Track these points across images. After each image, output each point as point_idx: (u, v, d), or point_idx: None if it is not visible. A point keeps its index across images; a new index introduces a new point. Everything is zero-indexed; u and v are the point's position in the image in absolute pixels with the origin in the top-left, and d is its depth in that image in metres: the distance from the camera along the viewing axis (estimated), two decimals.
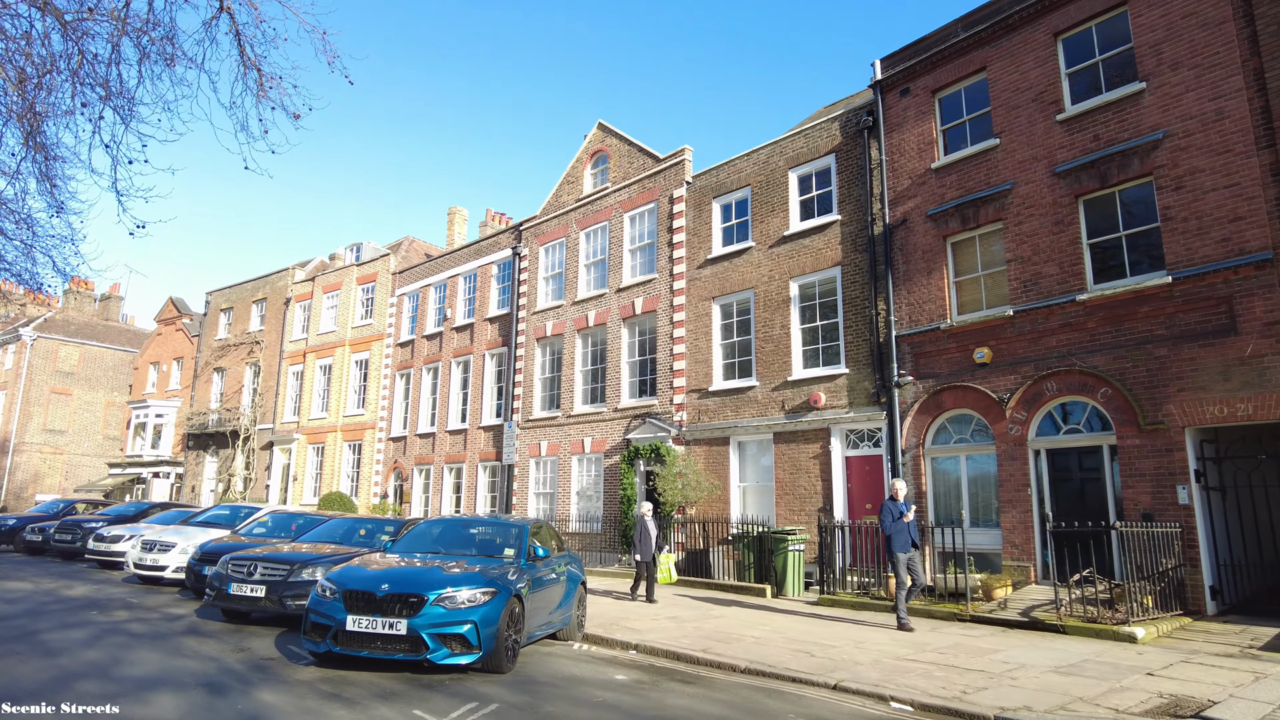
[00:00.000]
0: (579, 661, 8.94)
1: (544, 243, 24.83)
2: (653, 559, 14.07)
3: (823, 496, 16.48)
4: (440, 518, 10.36)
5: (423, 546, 9.42)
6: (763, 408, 17.86)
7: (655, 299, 20.67)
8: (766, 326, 18.11)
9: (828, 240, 17.36)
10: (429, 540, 9.63)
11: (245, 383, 36.48)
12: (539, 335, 24.16)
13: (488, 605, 7.53)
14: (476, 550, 9.34)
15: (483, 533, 9.76)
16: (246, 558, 10.30)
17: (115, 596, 12.99)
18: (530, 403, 24.02)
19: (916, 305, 15.72)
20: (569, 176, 24.51)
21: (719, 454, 18.51)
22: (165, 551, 14.71)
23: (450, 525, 10.14)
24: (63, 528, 20.96)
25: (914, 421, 15.41)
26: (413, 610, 7.30)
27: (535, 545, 9.28)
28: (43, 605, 11.74)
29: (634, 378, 21.25)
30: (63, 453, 43.12)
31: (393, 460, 29.15)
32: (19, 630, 9.45)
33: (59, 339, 43.54)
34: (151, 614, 11.13)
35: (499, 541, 9.48)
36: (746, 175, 19.32)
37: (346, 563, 8.61)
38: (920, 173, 16.05)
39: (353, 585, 7.52)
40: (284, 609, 9.74)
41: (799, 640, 10.29)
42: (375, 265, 32.13)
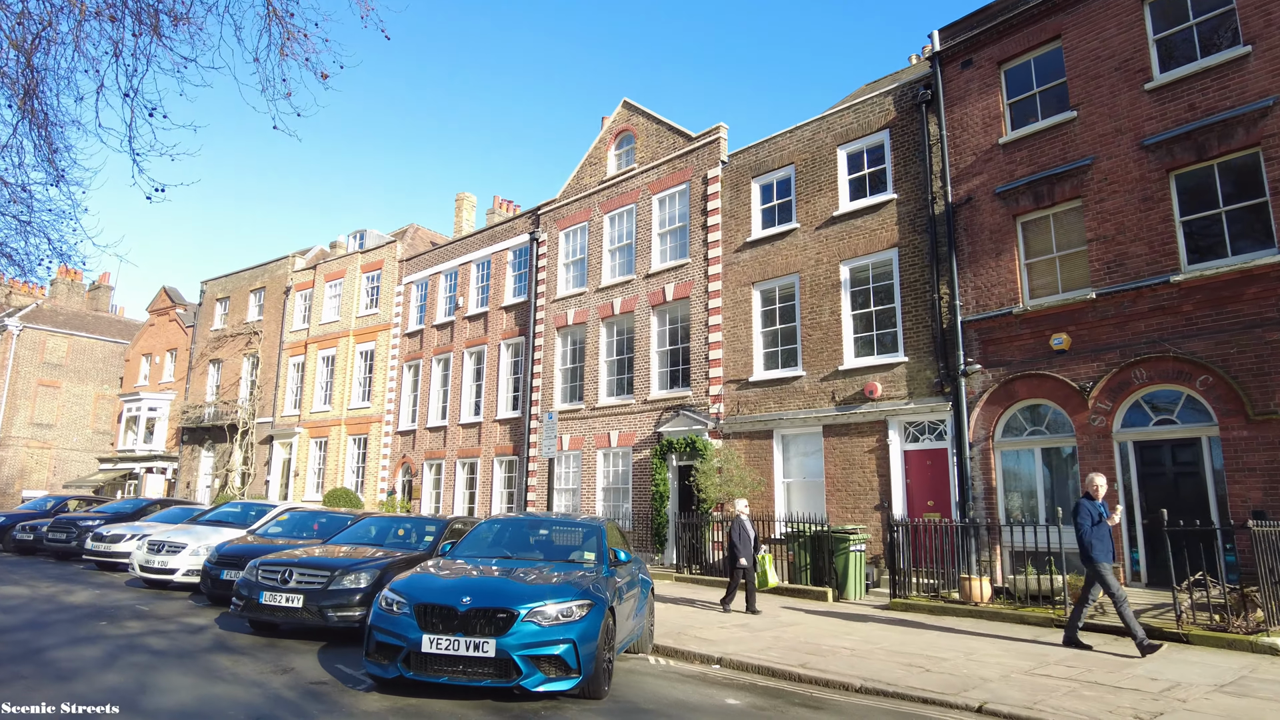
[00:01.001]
0: (669, 680, 7.84)
1: (564, 227, 23.67)
2: (754, 562, 12.62)
3: (879, 493, 15.44)
4: (502, 517, 9.20)
5: (488, 550, 8.30)
6: (810, 399, 16.79)
7: (688, 285, 19.56)
8: (814, 313, 17.04)
9: (882, 220, 16.30)
10: (493, 543, 8.50)
11: (243, 375, 35.14)
12: (560, 324, 23.01)
13: (585, 620, 6.42)
14: (550, 555, 8.23)
15: (554, 534, 8.65)
16: (279, 563, 9.14)
17: (123, 603, 11.78)
18: (550, 394, 22.88)
19: (984, 289, 14.69)
20: (591, 157, 23.35)
21: (761, 448, 17.44)
22: (175, 553, 13.51)
23: (515, 526, 9.01)
24: (57, 526, 19.67)
25: (982, 413, 14.39)
26: (501, 628, 6.19)
27: (616, 549, 8.17)
28: (44, 615, 10.54)
29: (665, 368, 20.14)
30: (51, 447, 41.59)
31: (401, 455, 27.93)
32: (22, 647, 8.26)
33: (47, 329, 41.99)
34: (168, 625, 9.95)
35: (574, 544, 8.38)
36: (789, 153, 18.23)
37: (409, 571, 7.44)
38: (986, 149, 15.01)
39: (427, 598, 6.39)
40: (325, 621, 8.59)
41: (899, 651, 9.23)
42: (381, 252, 30.87)
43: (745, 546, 12.37)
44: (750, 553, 12.38)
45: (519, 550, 8.31)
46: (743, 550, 12.33)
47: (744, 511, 12.89)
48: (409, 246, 30.70)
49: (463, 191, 32.80)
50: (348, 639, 9.13)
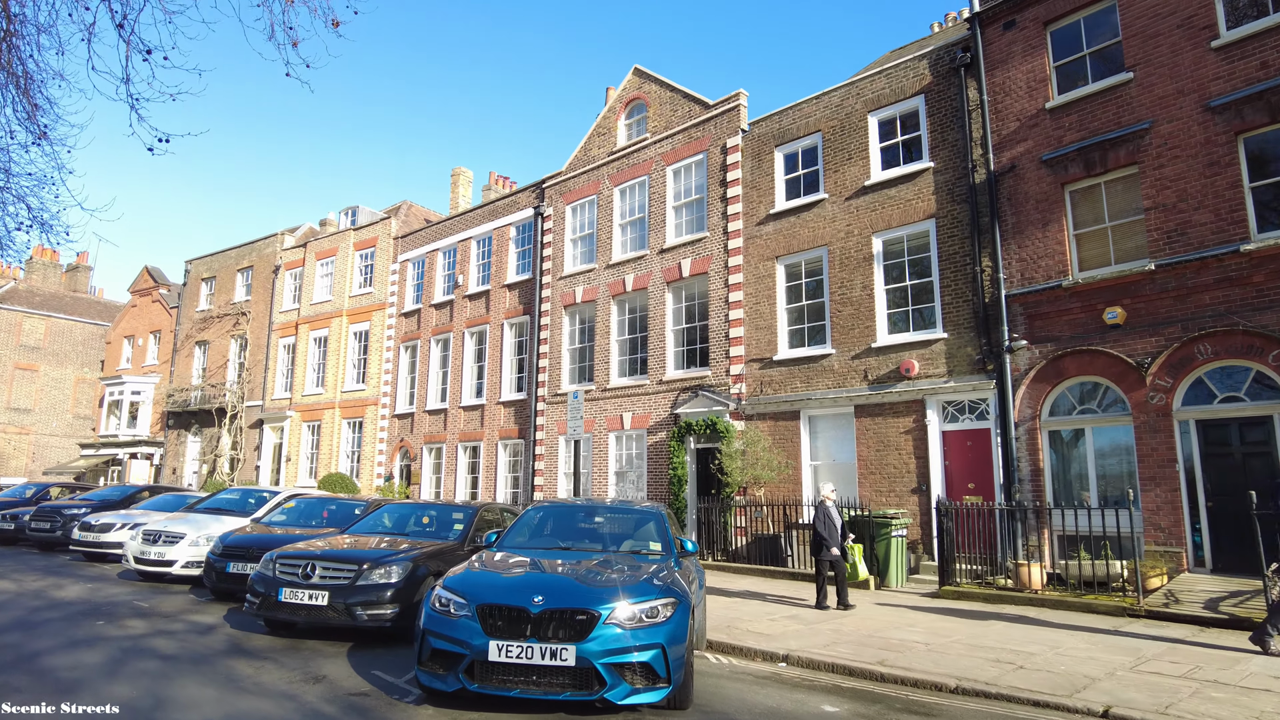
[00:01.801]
0: (745, 683, 7.05)
1: (571, 201, 22.69)
2: (844, 552, 11.50)
3: (917, 475, 14.72)
4: (550, 503, 8.34)
5: (541, 541, 7.46)
6: (840, 378, 16.02)
7: (706, 260, 18.69)
8: (844, 288, 16.24)
9: (918, 190, 15.49)
10: (544, 532, 7.66)
11: (230, 357, 33.96)
12: (567, 302, 22.09)
13: (672, 621, 5.61)
14: (609, 545, 7.39)
15: (610, 522, 7.81)
16: (299, 555, 8.24)
17: (119, 599, 10.86)
18: (557, 375, 21.99)
19: (1029, 261, 13.93)
20: (599, 128, 22.36)
21: (787, 429, 16.66)
22: (172, 544, 12.57)
23: (566, 513, 8.15)
24: (40, 514, 18.62)
25: (1028, 391, 13.67)
26: (580, 632, 5.35)
27: (681, 538, 7.35)
28: (35, 613, 9.60)
29: (681, 347, 19.29)
30: (29, 433, 40.19)
31: (398, 439, 26.97)
32: (14, 652, 7.34)
33: (22, 310, 40.48)
34: (173, 624, 9.05)
35: (632, 533, 7.54)
36: (816, 120, 17.35)
37: (459, 565, 6.57)
38: (1031, 114, 14.21)
39: (492, 598, 5.54)
40: (353, 620, 7.72)
41: (977, 645, 8.49)
42: (375, 229, 29.74)
43: (832, 535, 11.22)
44: (839, 541, 11.24)
45: (574, 540, 7.47)
46: (830, 539, 11.17)
47: (830, 496, 11.62)
48: (403, 224, 29.60)
49: (459, 166, 31.71)
50: (375, 639, 8.28)
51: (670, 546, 7.17)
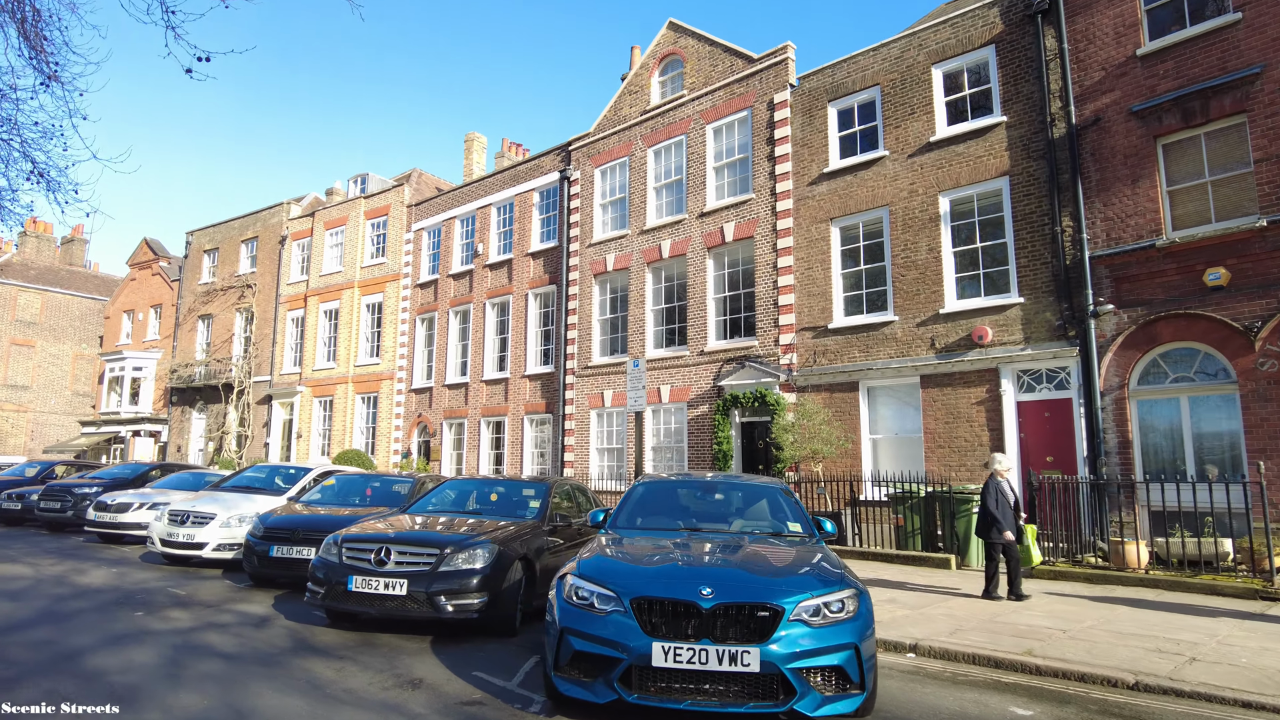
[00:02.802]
0: (898, 679, 6.14)
1: (600, 164, 21.59)
2: (1019, 534, 9.92)
3: (990, 449, 13.83)
4: (656, 478, 7.36)
5: (662, 520, 6.51)
6: (904, 346, 15.08)
7: (752, 223, 17.66)
8: (907, 250, 15.26)
9: (989, 146, 14.48)
10: (662, 511, 6.71)
11: (236, 331, 32.83)
12: (597, 270, 21.05)
13: (861, 616, 4.73)
14: (745, 525, 6.45)
15: (732, 499, 6.88)
16: (370, 538, 7.29)
17: (150, 585, 9.91)
18: (588, 347, 21.01)
19: (1117, 220, 12.97)
20: (631, 85, 21.22)
21: (845, 401, 15.75)
22: (202, 525, 11.63)
23: (683, 489, 7.20)
24: (49, 494, 17.64)
25: (1115, 358, 12.76)
26: (760, 631, 4.44)
27: (819, 518, 6.42)
28: (62, 602, 8.66)
29: (723, 316, 18.31)
30: (27, 410, 39.03)
31: (416, 414, 25.99)
32: (49, 651, 6.40)
33: (17, 285, 39.15)
34: (220, 614, 8.11)
35: (761, 511, 6.62)
36: (873, 74, 16.28)
37: (585, 550, 5.61)
38: (1118, 62, 13.19)
39: (650, 589, 4.61)
40: (437, 612, 6.79)
41: (1121, 633, 7.61)
42: (387, 197, 28.56)
43: (1006, 515, 9.69)
44: (1013, 523, 9.79)
45: (699, 520, 6.54)
46: (1004, 520, 9.64)
47: (1004, 470, 9.97)
48: (415, 192, 28.42)
49: (472, 131, 30.46)
50: (457, 633, 7.35)
51: (810, 527, 6.26)
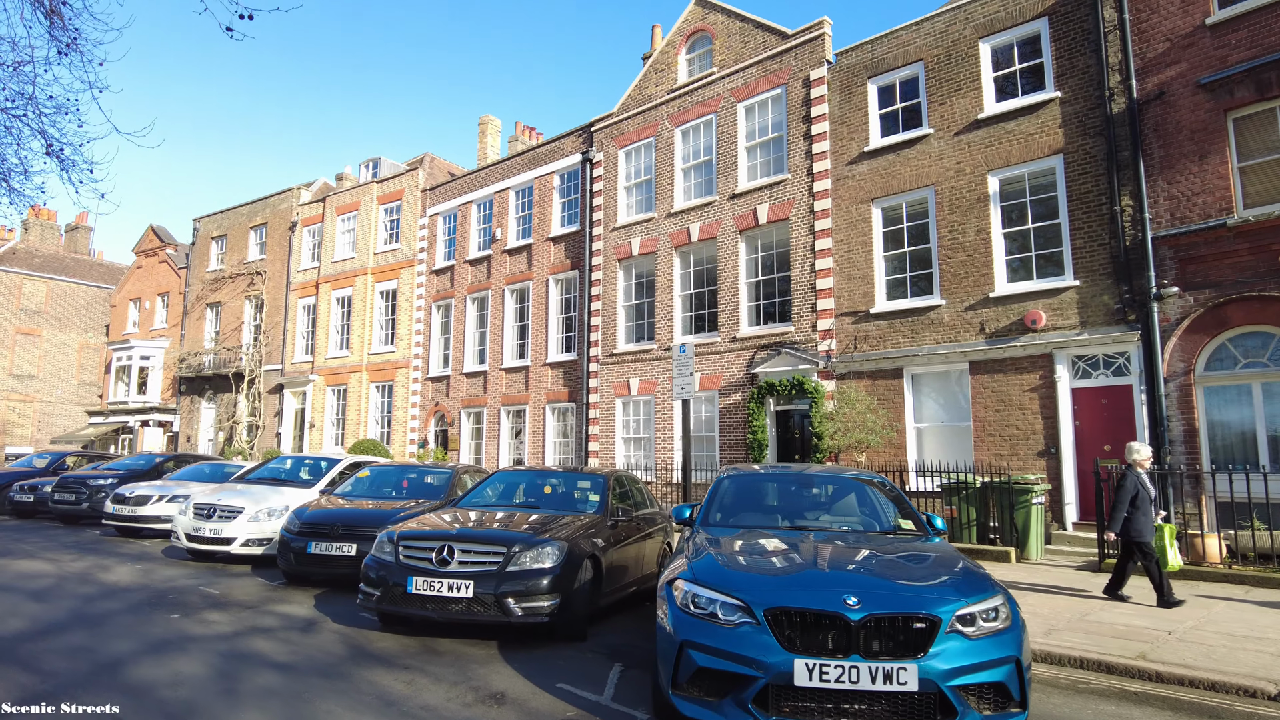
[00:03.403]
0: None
1: (624, 145, 20.97)
2: (1153, 534, 8.77)
3: (1044, 437, 13.31)
4: (746, 471, 6.78)
5: (762, 518, 6.00)
6: (951, 331, 14.53)
7: (787, 204, 17.07)
8: (954, 232, 14.69)
9: (1041, 123, 13.88)
10: (758, 506, 6.19)
11: (245, 319, 32.26)
12: (622, 255, 20.47)
13: (1016, 625, 4.24)
14: (850, 522, 5.94)
15: (831, 493, 6.34)
16: (429, 536, 6.76)
17: (180, 584, 9.40)
18: (612, 334, 20.45)
19: (1182, 198, 12.38)
20: (656, 63, 20.58)
21: (888, 389, 15.20)
22: (229, 519, 11.13)
23: (779, 483, 6.64)
24: (63, 485, 17.15)
25: (1180, 343, 12.21)
26: (916, 645, 3.93)
27: (928, 513, 5.89)
28: (91, 603, 8.14)
29: (756, 301, 17.74)
30: (34, 400, 38.50)
31: (433, 403, 25.45)
32: (88, 659, 5.88)
33: (22, 273, 38.56)
34: (262, 617, 7.60)
35: (869, 507, 6.10)
36: (916, 49, 15.66)
37: (692, 552, 5.05)
38: (1184, 32, 12.57)
39: (786, 599, 4.09)
40: (506, 616, 6.27)
41: (1234, 635, 7.06)
42: (400, 181, 27.93)
43: (1146, 512, 8.61)
44: (1150, 521, 8.70)
45: (802, 517, 6.01)
46: (1144, 518, 8.60)
47: (1144, 460, 8.91)
48: (428, 177, 27.79)
49: (486, 114, 29.82)
50: (524, 638, 6.83)
51: (923, 524, 5.73)
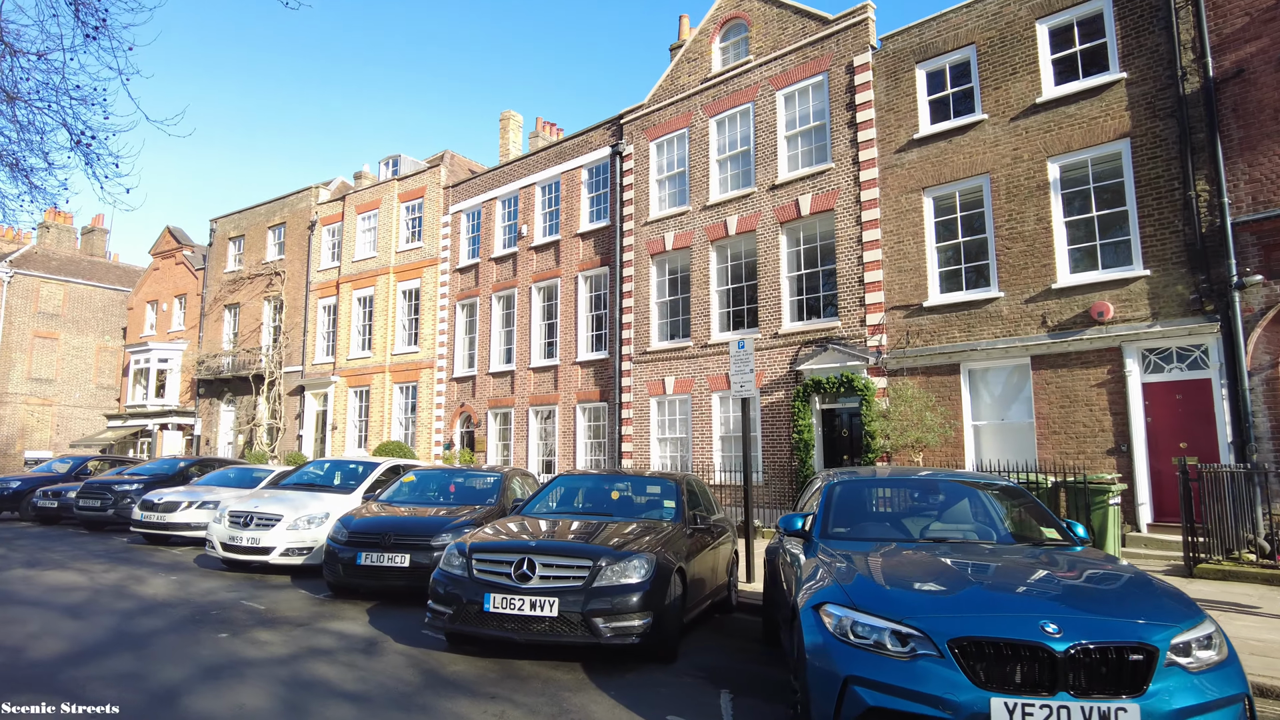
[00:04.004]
0: None
1: (656, 137, 20.39)
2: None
3: (1114, 434, 12.67)
4: (857, 476, 6.14)
5: (889, 530, 5.46)
6: (1011, 324, 13.90)
7: (831, 195, 16.45)
8: (1011, 221, 14.05)
9: (1105, 106, 13.23)
10: (883, 515, 5.65)
11: (264, 320, 31.84)
12: (654, 250, 19.89)
13: (1233, 657, 3.63)
14: (993, 533, 5.37)
15: (963, 501, 5.76)
16: (505, 548, 6.21)
17: (221, 598, 8.88)
18: (645, 332, 19.88)
19: (1265, 181, 11.73)
20: (689, 53, 19.99)
21: (943, 386, 14.58)
22: (267, 527, 10.61)
23: (893, 487, 6.07)
24: (87, 491, 16.72)
25: (1266, 334, 11.55)
26: (1131, 682, 3.36)
27: (1069, 520, 5.31)
28: (130, 620, 7.63)
29: (799, 295, 17.14)
30: (52, 404, 38.19)
31: (458, 404, 24.94)
32: (139, 686, 5.35)
33: (40, 276, 38.25)
34: (316, 636, 7.05)
35: (1004, 514, 5.54)
36: (967, 32, 15.03)
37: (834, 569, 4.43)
38: (1266, 6, 11.91)
39: (974, 627, 3.52)
40: (594, 636, 5.71)
41: None
42: (422, 179, 27.42)
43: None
44: None
45: (930, 526, 5.45)
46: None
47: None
48: (449, 174, 27.28)
49: (508, 110, 29.28)
50: (608, 657, 6.27)
51: (1066, 532, 5.15)
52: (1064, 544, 5.03)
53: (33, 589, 9.36)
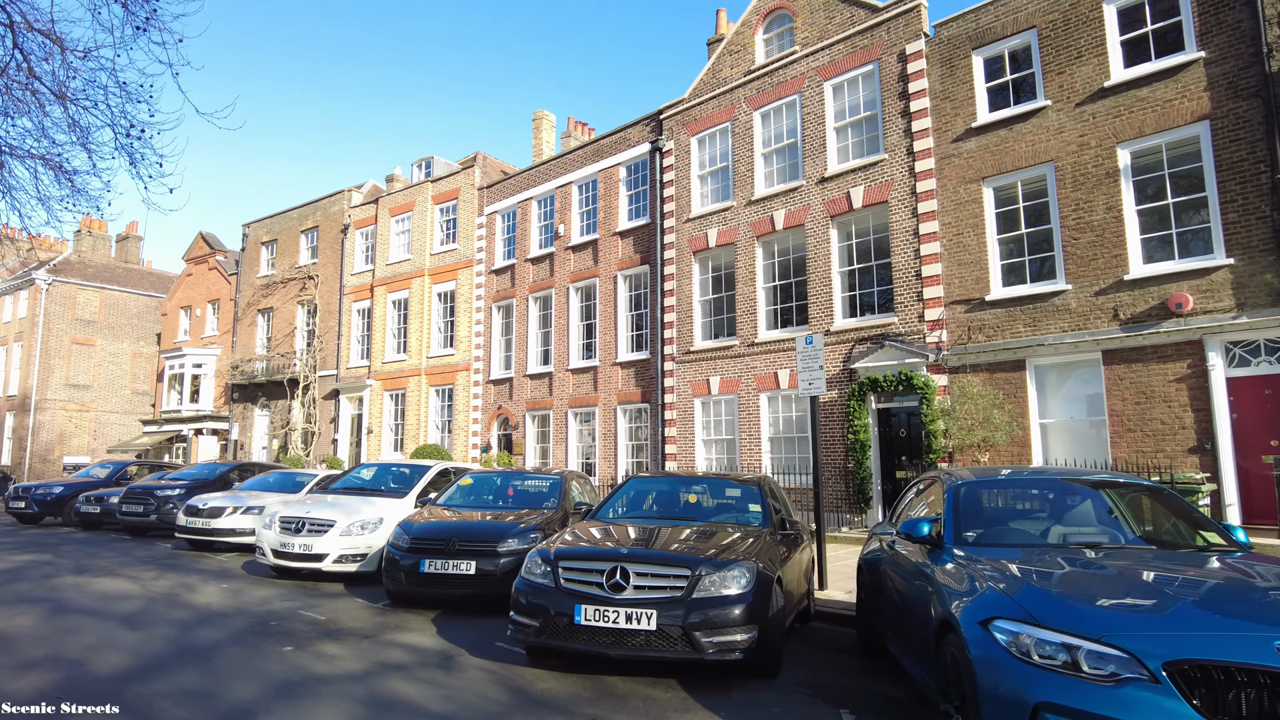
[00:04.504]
0: None
1: (697, 131, 19.95)
2: None
3: (1196, 432, 12.05)
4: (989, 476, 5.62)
5: (1023, 535, 4.96)
6: (1079, 318, 13.31)
7: (885, 186, 15.94)
8: (1079, 210, 13.46)
9: (1181, 88, 12.63)
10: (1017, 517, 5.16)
11: (298, 324, 31.76)
12: (697, 247, 19.45)
13: None
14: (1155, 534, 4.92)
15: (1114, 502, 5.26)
16: (594, 555, 5.80)
17: (276, 607, 8.54)
18: (689, 331, 19.44)
19: None
20: (731, 45, 19.55)
21: (1008, 382, 14.01)
22: (320, 533, 10.29)
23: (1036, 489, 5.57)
24: (130, 496, 16.57)
25: None
26: None
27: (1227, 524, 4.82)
28: (189, 631, 7.31)
29: (851, 291, 16.63)
30: (89, 409, 38.43)
31: (495, 406, 24.63)
32: (210, 707, 5.00)
33: (77, 283, 38.52)
34: (386, 650, 6.68)
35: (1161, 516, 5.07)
36: (1027, 16, 14.46)
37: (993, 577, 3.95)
38: None
39: (1194, 648, 3.05)
40: (696, 651, 5.28)
41: None
42: (455, 180, 27.18)
43: None
44: None
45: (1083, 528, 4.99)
46: None
47: None
48: (483, 175, 27.00)
49: (540, 110, 28.99)
50: (708, 672, 5.83)
51: (1226, 534, 4.66)
52: (1228, 549, 4.53)
53: (85, 597, 9.10)
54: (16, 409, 37.42)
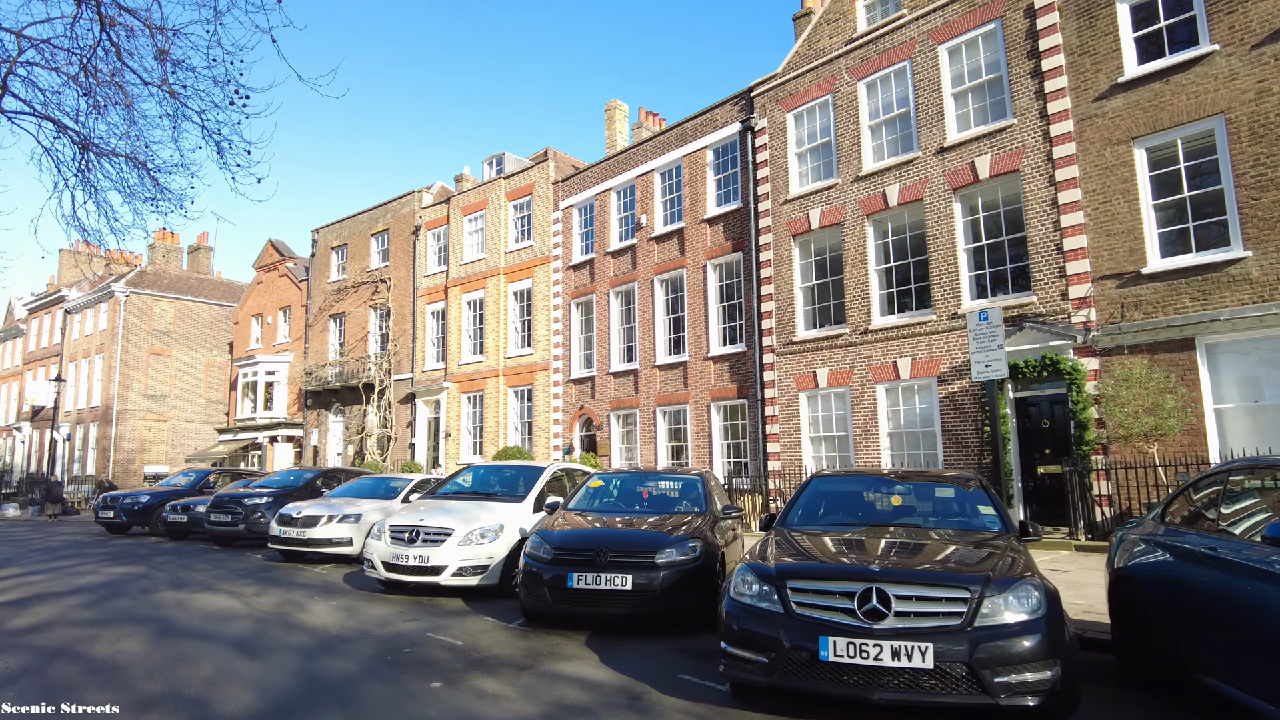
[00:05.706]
0: None
1: (793, 107, 18.68)
2: None
3: None
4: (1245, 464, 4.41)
5: None
6: (1262, 289, 11.72)
7: (1015, 154, 14.49)
8: (1259, 166, 11.87)
9: None
10: None
11: (371, 329, 31.31)
12: (797, 230, 18.18)
13: None
14: None
15: None
16: (832, 573, 4.67)
17: (400, 629, 7.59)
18: (790, 320, 18.18)
19: None
20: (828, 14, 18.25)
21: (1173, 364, 12.46)
22: (436, 543, 9.35)
23: None
24: (218, 505, 15.97)
25: None
26: None
27: None
28: (311, 659, 6.38)
29: (979, 270, 15.20)
30: (167, 419, 38.70)
31: (577, 406, 23.67)
32: None
33: (153, 295, 38.85)
34: (552, 684, 5.64)
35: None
36: None
37: None
38: None
39: None
40: (987, 694, 4.09)
41: None
42: (529, 176, 26.34)
43: None
44: None
45: None
46: None
47: None
48: (557, 169, 26.11)
49: (613, 100, 28.02)
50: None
51: None
52: None
53: (189, 616, 8.30)
54: (99, 420, 37.88)
